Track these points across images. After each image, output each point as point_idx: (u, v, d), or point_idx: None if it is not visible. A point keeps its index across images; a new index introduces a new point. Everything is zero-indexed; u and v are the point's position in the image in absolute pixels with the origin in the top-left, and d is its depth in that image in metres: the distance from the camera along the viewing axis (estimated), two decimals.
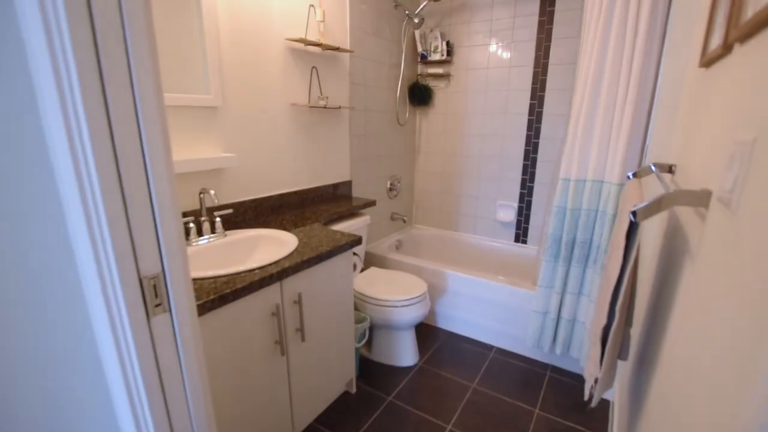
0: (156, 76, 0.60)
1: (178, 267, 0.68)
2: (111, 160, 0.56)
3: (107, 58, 0.54)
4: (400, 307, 1.84)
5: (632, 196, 1.10)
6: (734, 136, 0.65)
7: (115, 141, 0.56)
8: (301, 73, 1.85)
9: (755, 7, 0.61)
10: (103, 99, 0.55)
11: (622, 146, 1.55)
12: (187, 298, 0.70)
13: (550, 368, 2.00)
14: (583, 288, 1.76)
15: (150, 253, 0.63)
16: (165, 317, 0.68)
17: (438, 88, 2.77)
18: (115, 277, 0.61)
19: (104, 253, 0.59)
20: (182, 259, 0.69)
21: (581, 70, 1.64)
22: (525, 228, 2.64)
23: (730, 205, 0.61)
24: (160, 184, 0.62)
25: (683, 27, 1.35)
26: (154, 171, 0.61)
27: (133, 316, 0.63)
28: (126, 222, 0.60)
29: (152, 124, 0.60)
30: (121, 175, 0.58)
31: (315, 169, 2.05)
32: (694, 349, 0.74)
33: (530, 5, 2.32)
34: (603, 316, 1.07)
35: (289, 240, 1.42)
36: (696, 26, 1.10)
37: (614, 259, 1.05)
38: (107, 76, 0.54)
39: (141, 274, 0.63)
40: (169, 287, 0.67)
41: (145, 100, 0.58)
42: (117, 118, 0.56)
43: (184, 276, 0.69)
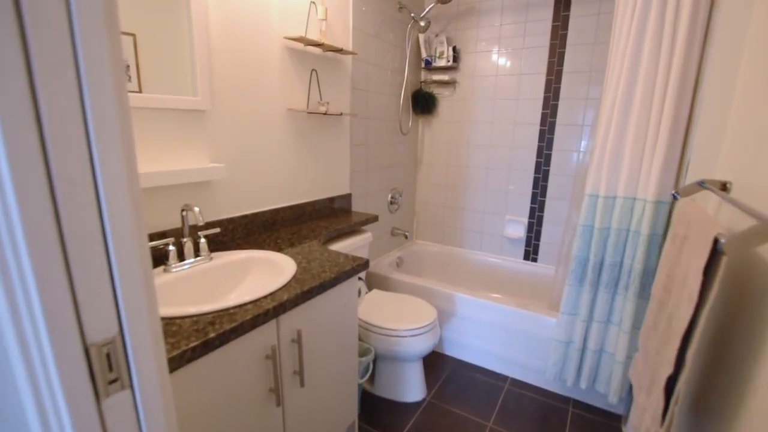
0: (116, 61, 0.40)
1: (144, 324, 0.48)
2: (36, 167, 0.37)
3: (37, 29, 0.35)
4: (408, 337, 1.65)
5: (696, 219, 0.93)
6: None
7: (46, 139, 0.37)
8: (299, 75, 1.67)
9: None
10: (29, 83, 0.35)
11: (659, 159, 1.39)
12: (156, 366, 0.50)
13: (571, 403, 1.81)
14: (612, 316, 1.59)
15: (101, 308, 0.44)
16: (124, 396, 0.47)
17: (442, 95, 2.61)
18: (45, 347, 0.41)
19: (27, 312, 0.39)
20: (150, 312, 0.49)
21: (611, 77, 1.49)
22: (535, 245, 2.48)
23: None
24: (118, 205, 0.43)
25: (735, 26, 1.21)
26: (108, 187, 0.42)
27: (73, 401, 0.43)
28: (63, 263, 0.40)
29: (106, 122, 0.40)
30: (56, 193, 0.39)
31: (313, 181, 1.86)
32: None
33: (543, 10, 2.19)
34: (668, 364, 0.89)
35: (285, 264, 1.22)
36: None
37: (684, 297, 0.88)
38: (36, 55, 0.35)
39: (88, 341, 0.43)
40: (131, 354, 0.47)
41: (96, 90, 0.39)
42: (47, 99, 0.36)
43: (152, 336, 0.49)
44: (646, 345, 1.11)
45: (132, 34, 1.09)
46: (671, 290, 0.99)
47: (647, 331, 1.12)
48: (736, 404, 0.87)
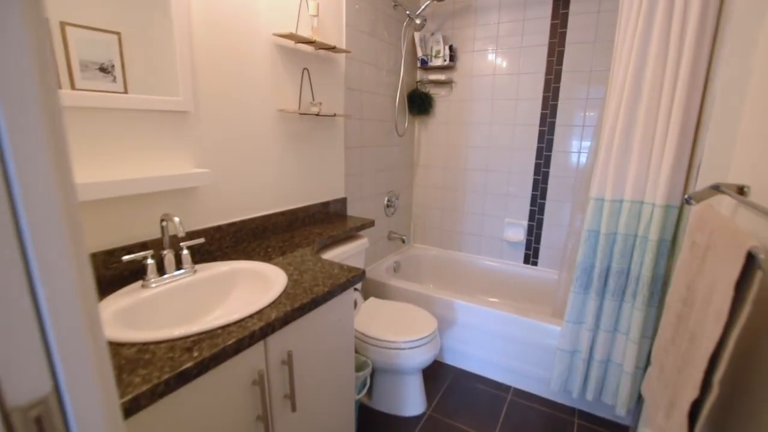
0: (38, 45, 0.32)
1: (89, 373, 0.39)
2: None
3: None
4: (408, 349, 1.56)
5: (720, 228, 0.86)
6: None
7: None
8: (290, 75, 1.59)
9: None
10: None
11: (668, 161, 1.33)
12: (107, 426, 0.41)
13: (576, 413, 1.74)
14: (620, 325, 1.52)
15: (26, 360, 0.35)
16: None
17: (439, 96, 2.54)
18: None
19: None
20: (97, 356, 0.40)
21: (616, 77, 1.42)
22: (535, 248, 2.41)
23: None
24: (45, 223, 0.34)
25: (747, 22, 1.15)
26: (30, 201, 0.33)
27: None
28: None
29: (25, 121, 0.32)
30: None
31: (306, 186, 1.77)
32: None
33: (542, 8, 2.12)
34: (693, 387, 0.82)
35: (275, 277, 1.13)
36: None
37: (710, 314, 0.81)
38: None
39: (8, 405, 0.34)
40: (71, 416, 0.38)
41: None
42: None
43: (100, 387, 0.40)
44: (663, 361, 1.04)
45: (116, 32, 1.01)
46: (693, 304, 0.92)
47: (664, 346, 1.05)
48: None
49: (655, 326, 1.49)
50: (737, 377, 0.93)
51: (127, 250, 1.09)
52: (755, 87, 1.15)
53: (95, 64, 0.99)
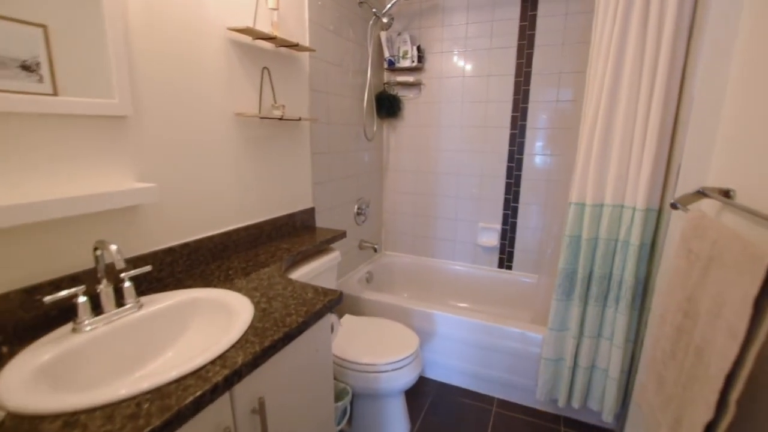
0: None
1: None
2: None
3: None
4: (390, 371, 1.45)
5: (726, 238, 0.81)
6: None
7: None
8: (248, 74, 1.43)
9: None
10: None
11: (648, 164, 1.31)
12: None
13: (562, 421, 1.71)
14: (603, 330, 1.49)
15: None
16: None
17: (407, 98, 2.45)
18: None
19: None
20: None
21: (593, 80, 1.39)
22: (510, 252, 2.38)
23: None
24: None
25: (725, 25, 1.14)
26: None
27: None
28: None
29: None
30: None
31: (269, 197, 1.61)
32: None
33: (510, 9, 2.09)
34: (707, 407, 0.76)
35: (239, 307, 0.98)
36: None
37: (721, 329, 0.75)
38: None
39: None
40: None
41: None
42: None
43: None
44: (662, 374, 1.00)
45: (41, 24, 0.83)
46: (696, 317, 0.87)
47: (662, 358, 1.01)
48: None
49: (637, 330, 1.47)
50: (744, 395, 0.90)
51: (55, 285, 0.90)
52: (733, 90, 1.14)
53: (15, 61, 0.80)
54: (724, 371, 0.73)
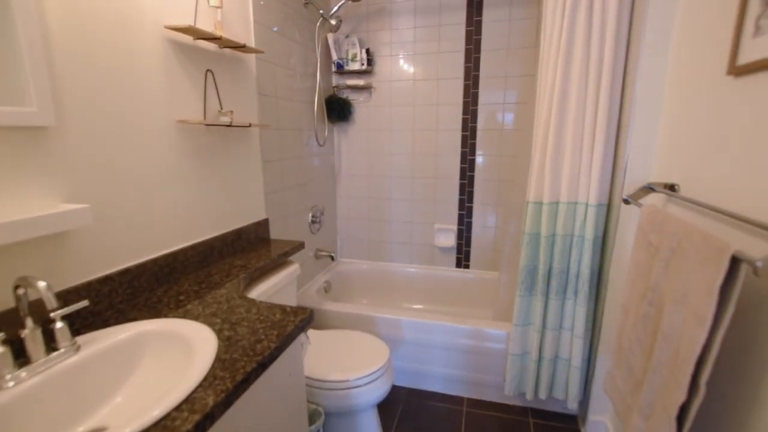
0: None
1: None
2: None
3: None
4: (363, 386, 1.39)
5: (686, 232, 0.86)
6: None
7: None
8: (190, 78, 1.30)
9: None
10: None
11: (598, 162, 1.39)
12: None
13: (530, 413, 1.76)
14: (564, 322, 1.56)
15: None
16: None
17: (358, 102, 2.41)
18: None
19: None
20: None
21: (544, 84, 1.45)
22: (467, 251, 2.42)
23: None
24: None
25: (658, 37, 1.24)
26: None
27: None
28: None
29: None
30: None
31: (219, 210, 1.48)
32: None
33: (456, 14, 2.13)
34: (680, 390, 0.80)
35: (199, 337, 0.87)
36: (705, 35, 0.95)
37: (688, 317, 0.80)
38: None
39: None
40: None
41: None
42: None
43: None
44: (629, 361, 1.05)
45: None
46: (661, 306, 0.92)
47: (629, 346, 1.06)
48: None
49: (594, 320, 1.55)
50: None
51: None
52: (669, 93, 1.24)
53: None
54: (694, 355, 0.77)
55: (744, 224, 0.82)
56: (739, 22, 0.87)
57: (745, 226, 0.82)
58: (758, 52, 0.81)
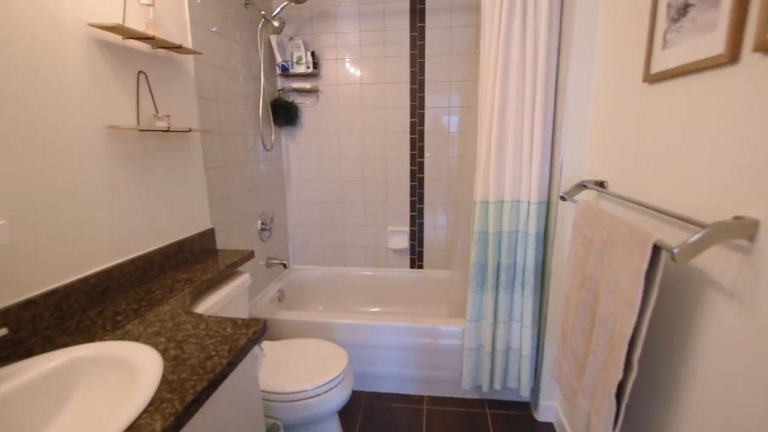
0: None
1: None
2: None
3: None
4: (322, 395, 1.37)
5: (615, 224, 0.94)
6: None
7: None
8: (120, 80, 1.20)
9: None
10: None
11: (537, 162, 1.48)
12: None
13: (487, 404, 1.83)
14: (513, 314, 1.64)
15: None
16: None
17: (305, 105, 2.37)
18: None
19: None
20: None
21: (485, 91, 1.52)
22: (420, 252, 2.47)
23: None
24: None
25: (585, 46, 1.35)
26: None
27: None
28: None
29: None
30: None
31: (159, 221, 1.38)
32: None
33: (400, 20, 2.17)
34: (617, 369, 0.88)
35: (141, 360, 0.81)
36: (624, 46, 1.06)
37: (620, 302, 0.87)
38: None
39: None
40: None
41: None
42: None
43: None
44: (573, 347, 1.13)
45: None
46: (597, 293, 1.00)
47: (570, 332, 1.14)
48: (678, 397, 0.91)
49: (540, 310, 1.65)
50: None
51: None
52: (595, 99, 1.36)
53: None
54: (626, 337, 0.85)
55: (663, 216, 0.92)
56: (650, 35, 0.97)
57: (665, 217, 0.92)
58: (667, 63, 0.91)
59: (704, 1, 0.80)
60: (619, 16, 1.18)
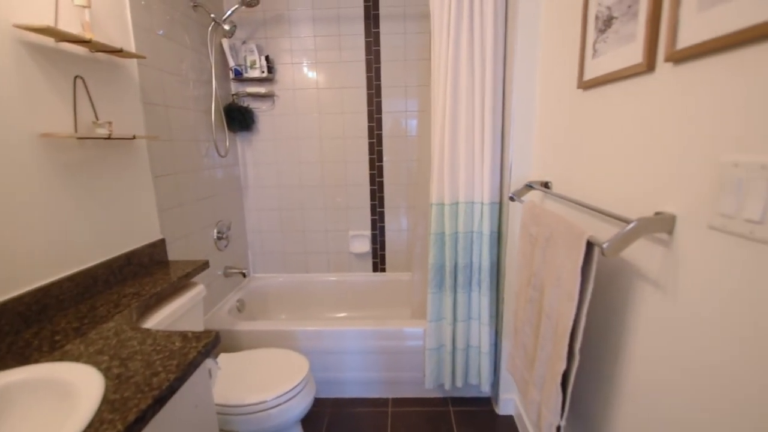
0: None
1: None
2: None
3: None
4: (282, 404, 1.34)
5: (556, 223, 1.00)
6: (735, 159, 0.57)
7: None
8: (54, 85, 1.13)
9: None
10: None
11: (488, 165, 1.54)
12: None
13: (450, 402, 1.86)
14: (472, 312, 1.69)
15: None
16: None
17: (261, 110, 2.33)
18: None
19: None
20: None
21: (437, 96, 1.56)
22: (382, 255, 2.49)
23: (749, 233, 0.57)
24: None
25: (528, 54, 1.42)
26: None
27: None
28: None
29: None
30: None
31: (102, 233, 1.31)
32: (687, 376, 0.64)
33: (354, 25, 2.19)
34: (560, 360, 0.93)
35: (80, 380, 0.76)
36: (561, 54, 1.14)
37: (562, 296, 0.93)
38: None
39: None
40: None
41: None
42: None
43: None
44: (523, 341, 1.18)
45: None
46: (542, 289, 1.06)
47: (520, 327, 1.19)
48: (615, 384, 0.97)
49: (497, 307, 1.71)
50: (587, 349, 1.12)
51: None
52: (538, 105, 1.43)
53: None
54: (568, 328, 0.90)
55: (600, 213, 0.98)
56: (582, 44, 1.04)
57: (602, 215, 0.98)
58: (596, 71, 0.98)
59: (625, 13, 0.87)
60: (556, 26, 1.25)
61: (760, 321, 0.56)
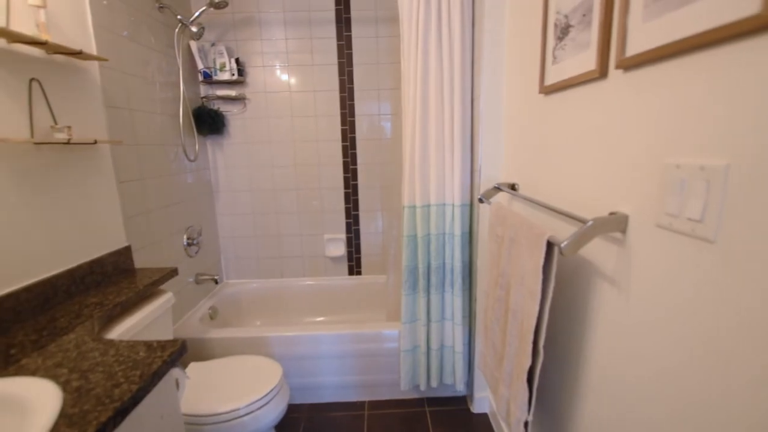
0: None
1: None
2: None
3: None
4: (255, 411, 1.32)
5: (520, 223, 1.04)
6: (678, 161, 0.61)
7: None
8: (7, 89, 1.08)
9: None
10: None
11: (458, 167, 1.57)
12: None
13: (426, 402, 1.88)
14: (445, 313, 1.71)
15: None
16: None
17: (231, 113, 2.30)
18: None
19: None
20: None
21: (407, 100, 1.58)
22: (357, 258, 2.49)
23: (697, 230, 0.60)
24: None
25: (495, 60, 1.46)
26: None
27: None
28: None
29: None
30: None
31: (63, 242, 1.26)
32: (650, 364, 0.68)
33: (326, 28, 2.19)
34: (526, 357, 0.96)
35: (36, 396, 0.73)
36: (525, 59, 1.18)
37: (526, 294, 0.96)
38: None
39: None
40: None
41: None
42: None
43: None
44: (492, 339, 1.21)
45: None
46: (508, 288, 1.09)
47: (490, 326, 1.22)
48: (578, 376, 1.01)
49: (470, 307, 1.74)
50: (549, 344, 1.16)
51: None
52: (505, 110, 1.47)
53: None
54: (532, 326, 0.93)
55: (561, 215, 1.02)
56: (543, 51, 1.08)
57: (561, 216, 1.02)
58: (556, 76, 1.02)
59: (581, 22, 0.91)
60: (520, 33, 1.29)
61: (704, 319, 0.59)
